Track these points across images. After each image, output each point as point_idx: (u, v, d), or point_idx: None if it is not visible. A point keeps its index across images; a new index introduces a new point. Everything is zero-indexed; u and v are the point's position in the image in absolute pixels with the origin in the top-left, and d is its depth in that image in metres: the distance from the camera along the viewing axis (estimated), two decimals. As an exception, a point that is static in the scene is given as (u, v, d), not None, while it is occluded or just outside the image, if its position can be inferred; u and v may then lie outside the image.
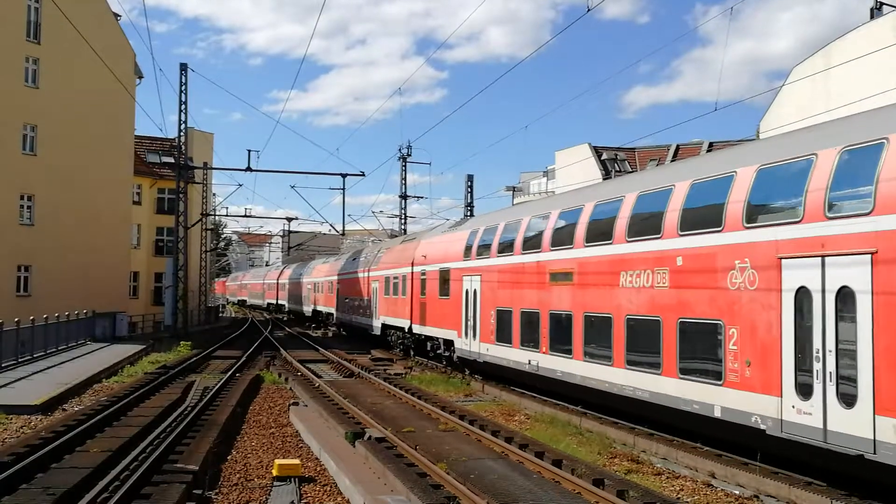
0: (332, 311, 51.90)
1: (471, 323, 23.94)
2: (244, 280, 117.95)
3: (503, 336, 21.49)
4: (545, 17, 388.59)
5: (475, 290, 23.55)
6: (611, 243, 16.13)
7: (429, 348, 29.35)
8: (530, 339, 19.81)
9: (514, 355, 20.66)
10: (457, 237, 26.58)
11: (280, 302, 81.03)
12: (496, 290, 22.12)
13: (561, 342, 18.16)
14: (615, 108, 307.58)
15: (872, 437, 9.79)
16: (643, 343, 14.94)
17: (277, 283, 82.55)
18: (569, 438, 15.34)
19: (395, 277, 33.58)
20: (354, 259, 46.24)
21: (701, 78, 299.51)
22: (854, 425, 10.04)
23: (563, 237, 18.41)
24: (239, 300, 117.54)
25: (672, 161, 47.24)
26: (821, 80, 27.70)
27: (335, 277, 50.67)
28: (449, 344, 26.55)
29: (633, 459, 13.62)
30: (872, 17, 28.74)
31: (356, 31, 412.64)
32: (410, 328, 31.08)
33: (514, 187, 75.07)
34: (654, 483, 12.06)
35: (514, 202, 61.13)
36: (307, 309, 63.39)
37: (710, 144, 50.22)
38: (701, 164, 15.70)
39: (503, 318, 21.54)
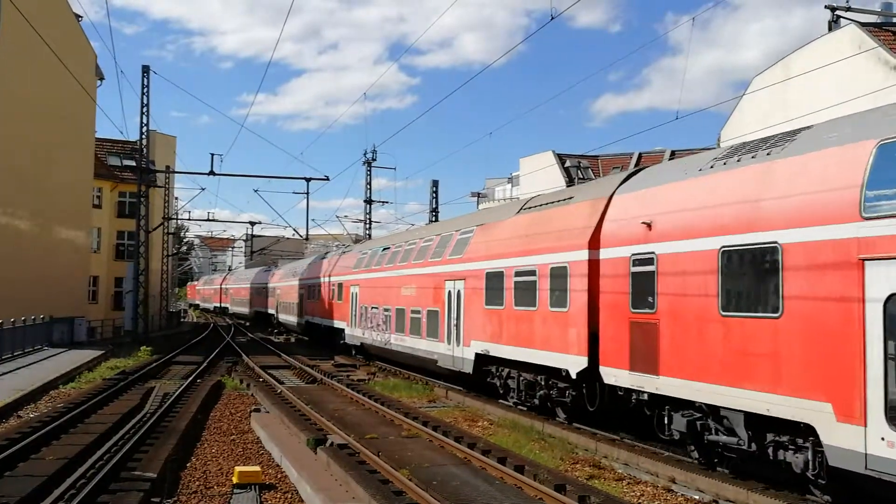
0: (345, 327, 35.80)
1: None
2: (227, 283, 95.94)
3: None
4: (518, 24, 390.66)
5: None
6: None
7: (682, 431, 13.07)
8: None
9: None
10: (794, 167, 10.86)
11: (270, 311, 62.54)
12: None
13: None
14: (584, 116, 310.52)
15: None
16: None
17: (266, 288, 64.30)
18: (531, 444, 15.40)
19: (525, 272, 18.58)
20: (387, 249, 31.08)
21: (670, 86, 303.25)
22: None
23: None
24: (215, 307, 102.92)
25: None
26: (779, 90, 28.22)
27: (347, 278, 35.55)
28: (782, 432, 11.01)
29: (595, 465, 13.71)
30: (830, 29, 29.31)
31: (329, 35, 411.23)
32: (590, 372, 15.73)
33: (479, 193, 75.48)
34: (616, 488, 12.16)
35: (479, 208, 61.27)
36: (287, 319, 50.75)
37: (673, 153, 51.11)
38: None
39: None
